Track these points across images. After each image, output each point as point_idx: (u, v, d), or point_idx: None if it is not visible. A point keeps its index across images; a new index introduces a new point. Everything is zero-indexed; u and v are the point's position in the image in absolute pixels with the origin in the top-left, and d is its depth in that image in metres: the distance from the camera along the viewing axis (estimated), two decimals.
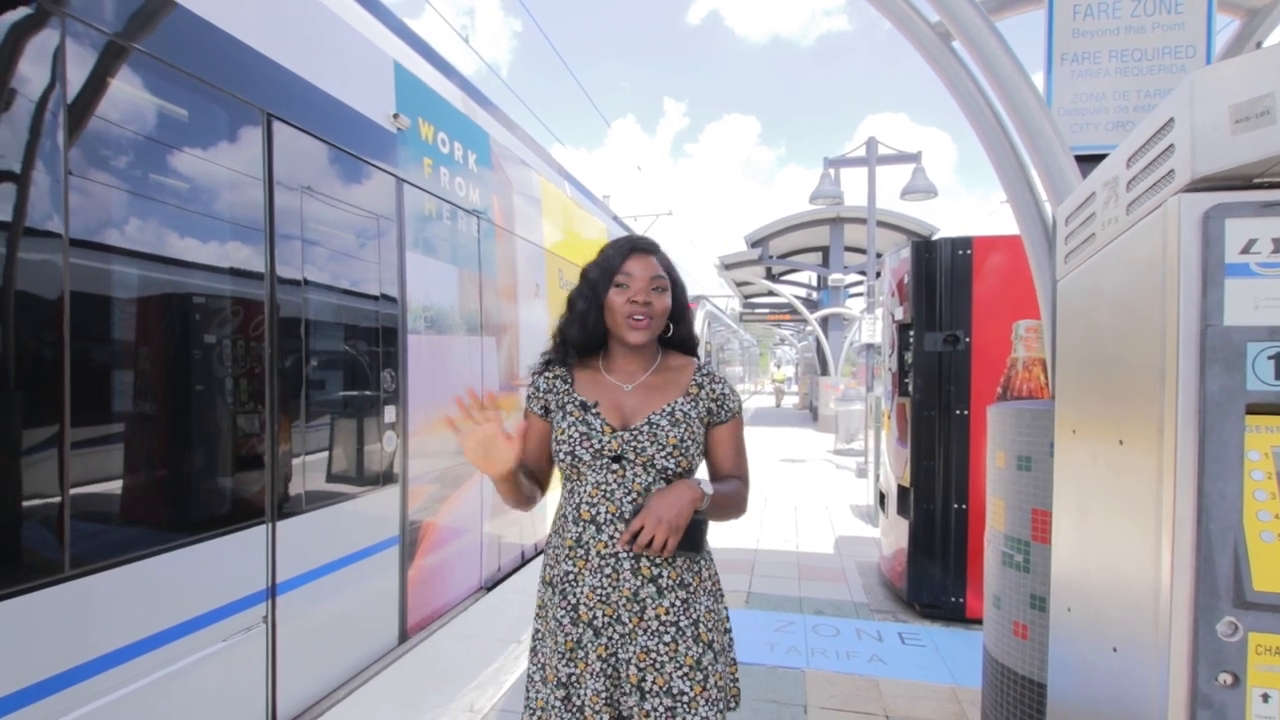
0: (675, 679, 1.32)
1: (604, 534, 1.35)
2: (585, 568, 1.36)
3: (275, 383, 2.44)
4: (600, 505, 1.36)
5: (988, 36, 2.01)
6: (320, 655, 2.73)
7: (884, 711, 2.62)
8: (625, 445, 1.36)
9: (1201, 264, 1.05)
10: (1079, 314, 1.51)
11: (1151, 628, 1.11)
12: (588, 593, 1.35)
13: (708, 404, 1.45)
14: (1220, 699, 1.02)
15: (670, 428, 1.38)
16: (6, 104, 1.62)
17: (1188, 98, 1.06)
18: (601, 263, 1.45)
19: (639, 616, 1.34)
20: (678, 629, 1.34)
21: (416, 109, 3.44)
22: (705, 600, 1.40)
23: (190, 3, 2.13)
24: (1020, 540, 2.05)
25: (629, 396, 1.43)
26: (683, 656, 1.33)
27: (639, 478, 1.36)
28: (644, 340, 1.42)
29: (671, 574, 1.36)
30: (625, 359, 1.47)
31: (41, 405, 1.70)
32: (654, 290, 1.41)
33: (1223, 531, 1.03)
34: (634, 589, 1.34)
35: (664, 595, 1.35)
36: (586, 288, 1.45)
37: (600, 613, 1.34)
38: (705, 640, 1.36)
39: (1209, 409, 1.03)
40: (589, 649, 1.34)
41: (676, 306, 1.47)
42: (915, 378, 3.59)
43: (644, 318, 1.39)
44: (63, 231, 1.74)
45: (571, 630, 1.36)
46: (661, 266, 1.44)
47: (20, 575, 1.65)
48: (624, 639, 1.34)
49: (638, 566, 1.34)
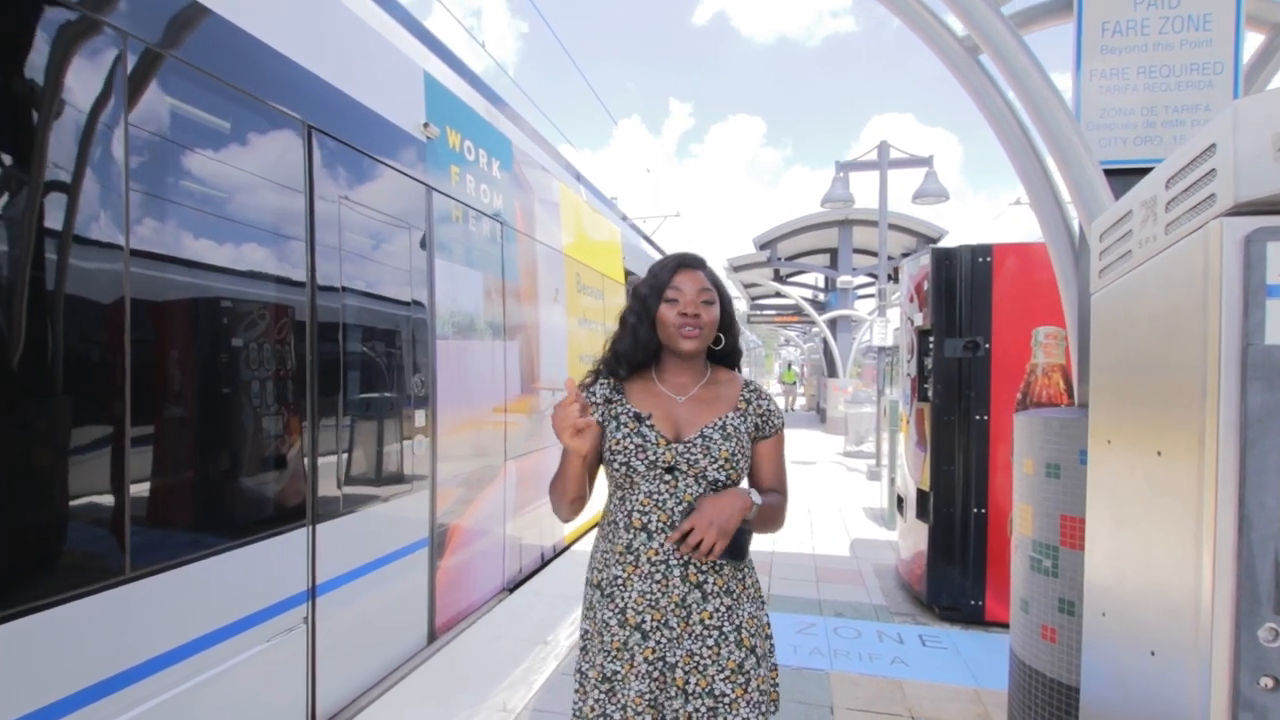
0: (718, 681, 1.38)
1: (654, 541, 1.40)
2: (635, 573, 1.41)
3: (315, 388, 2.50)
4: (652, 514, 1.41)
5: (1017, 51, 2.06)
6: (356, 655, 2.79)
7: (909, 713, 2.66)
8: (679, 457, 1.41)
9: (1243, 285, 1.09)
10: (1114, 328, 1.55)
11: (1191, 633, 1.15)
12: (636, 597, 1.40)
13: (755, 419, 1.50)
14: (1262, 702, 1.06)
15: (722, 441, 1.42)
16: (74, 119, 1.69)
17: (1230, 125, 1.10)
18: (651, 280, 1.51)
19: (685, 621, 1.39)
20: (721, 633, 1.39)
21: (445, 118, 3.50)
22: (748, 607, 1.45)
23: (243, 21, 2.19)
24: (1049, 545, 2.09)
25: (681, 408, 1.48)
26: (725, 660, 1.38)
27: (690, 488, 1.41)
28: (696, 349, 1.47)
29: (718, 581, 1.41)
30: (677, 371, 1.51)
31: (105, 413, 1.76)
32: (703, 303, 1.46)
33: (1263, 540, 1.07)
34: (682, 595, 1.39)
35: (709, 600, 1.40)
36: (638, 304, 1.51)
37: (649, 617, 1.39)
38: (748, 645, 1.41)
39: (1250, 424, 1.07)
40: (635, 651, 1.39)
41: (724, 318, 1.52)
42: (935, 383, 3.63)
43: (695, 328, 1.44)
44: (124, 243, 1.80)
45: (619, 632, 1.41)
46: (709, 280, 1.50)
47: (89, 578, 1.71)
48: (671, 643, 1.39)
49: (686, 573, 1.39)
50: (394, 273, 3.07)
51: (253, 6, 2.27)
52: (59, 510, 1.67)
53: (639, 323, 1.49)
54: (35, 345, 1.60)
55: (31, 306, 1.59)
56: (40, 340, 1.61)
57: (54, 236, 1.64)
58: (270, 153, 2.35)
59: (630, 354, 1.50)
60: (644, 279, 1.53)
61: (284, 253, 2.40)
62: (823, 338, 18.00)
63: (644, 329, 1.49)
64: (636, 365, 1.53)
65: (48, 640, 1.62)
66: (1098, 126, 2.09)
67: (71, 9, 1.68)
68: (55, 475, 1.66)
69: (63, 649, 1.65)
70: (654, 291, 1.48)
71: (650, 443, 1.42)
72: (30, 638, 1.58)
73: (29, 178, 1.59)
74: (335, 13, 2.76)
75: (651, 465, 1.41)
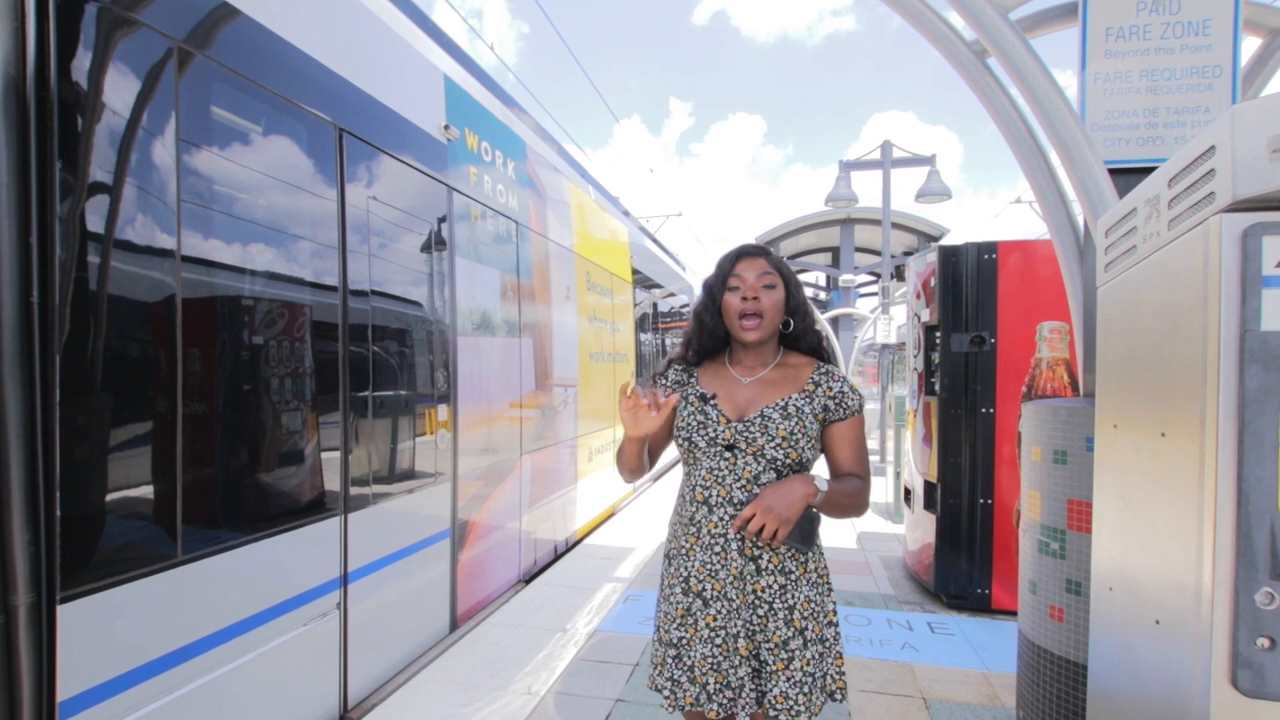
0: (763, 649, 1.46)
1: (714, 515, 1.48)
2: (697, 544, 1.50)
3: (346, 383, 2.59)
4: (713, 489, 1.49)
5: (1025, 56, 2.14)
6: (383, 641, 2.88)
7: (920, 694, 2.75)
8: (738, 435, 1.48)
9: (1241, 276, 1.17)
10: (1120, 319, 1.64)
11: (1194, 600, 1.23)
12: (698, 567, 1.49)
13: (824, 401, 1.52)
14: (1259, 660, 1.15)
15: (781, 420, 1.47)
16: (130, 126, 1.78)
17: (1229, 128, 1.19)
18: (716, 272, 1.60)
19: (742, 593, 1.46)
20: (771, 608, 1.46)
21: (463, 120, 3.59)
22: (805, 590, 1.48)
23: (281, 29, 2.28)
24: (1056, 529, 2.18)
25: (746, 389, 1.55)
26: (771, 634, 1.45)
27: (749, 466, 1.47)
28: (757, 337, 1.53)
29: (773, 559, 1.47)
30: (746, 355, 1.59)
31: (159, 407, 1.85)
32: (764, 286, 1.52)
33: (1260, 512, 1.16)
34: (740, 567, 1.46)
35: (762, 575, 1.46)
36: (706, 295, 1.60)
37: (709, 586, 1.48)
38: (798, 626, 1.46)
39: (1247, 404, 1.16)
40: (698, 616, 1.48)
41: (791, 301, 1.57)
42: (942, 377, 3.72)
43: (755, 315, 1.52)
44: (175, 248, 1.89)
45: (682, 599, 1.51)
46: (771, 265, 1.56)
47: (145, 559, 1.80)
48: (731, 614, 1.46)
49: (742, 547, 1.47)
50: (418, 272, 3.16)
51: (289, 14, 2.36)
52: (155, 493, 1.80)
53: (705, 311, 1.59)
54: (107, 345, 1.69)
55: (112, 315, 1.68)
56: (102, 340, 1.70)
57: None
58: (303, 154, 2.44)
59: (698, 340, 1.60)
60: (712, 272, 1.61)
61: (320, 254, 2.49)
62: (825, 336, 18.05)
63: (710, 317, 1.58)
64: (707, 352, 1.62)
65: (141, 606, 1.78)
66: (1102, 128, 2.18)
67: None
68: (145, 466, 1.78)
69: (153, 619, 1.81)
70: (719, 280, 1.57)
71: (712, 420, 1.50)
72: (129, 604, 1.72)
73: (78, 179, 1.68)
74: (362, 18, 2.85)
75: (712, 442, 1.49)
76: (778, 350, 1.62)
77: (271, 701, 2.26)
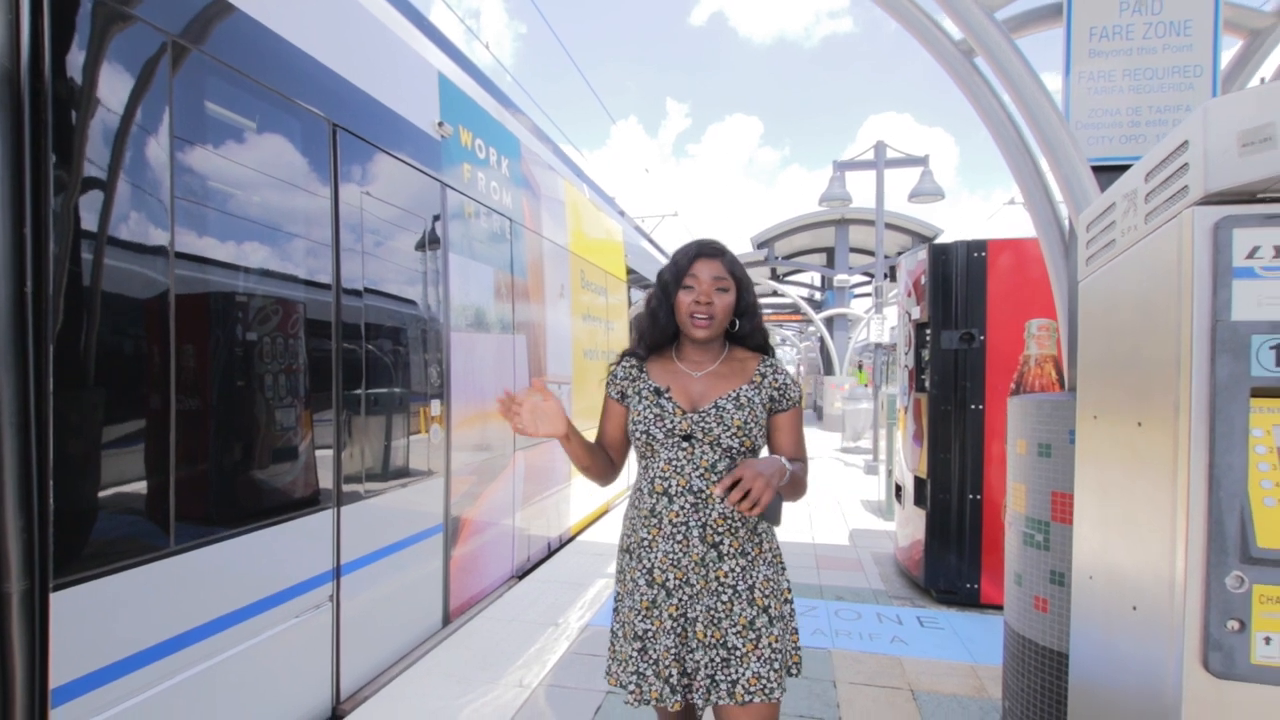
0: (730, 635, 1.49)
1: (675, 504, 1.51)
2: (659, 535, 1.52)
3: (339, 378, 2.60)
4: (672, 479, 1.52)
5: (1010, 55, 2.18)
6: (377, 634, 2.89)
7: (908, 685, 2.78)
8: (694, 425, 1.52)
9: (1212, 267, 1.20)
10: (1100, 311, 1.67)
11: (1169, 585, 1.26)
12: (661, 557, 1.52)
13: (770, 392, 1.60)
14: (1229, 642, 1.18)
15: (735, 410, 1.53)
16: (125, 119, 1.79)
17: (1201, 124, 1.22)
18: (673, 266, 1.62)
19: (704, 579, 1.50)
20: (735, 591, 1.50)
21: (457, 117, 3.61)
22: (764, 569, 1.55)
23: (275, 25, 2.29)
24: (1041, 521, 2.21)
25: (697, 383, 1.60)
26: (737, 616, 1.49)
27: (706, 455, 1.52)
28: (706, 336, 1.58)
29: (733, 543, 1.52)
30: (694, 351, 1.63)
31: (152, 399, 1.86)
32: (717, 290, 1.57)
33: (1231, 498, 1.19)
34: (701, 554, 1.50)
35: (724, 560, 1.51)
36: (660, 289, 1.62)
37: (672, 575, 1.51)
38: (760, 604, 1.51)
39: (1219, 393, 1.19)
40: (662, 608, 1.51)
41: (741, 304, 1.62)
42: (932, 374, 3.75)
43: (705, 316, 1.56)
44: (169, 242, 1.90)
45: (647, 591, 1.52)
46: (726, 268, 1.59)
47: (137, 550, 1.81)
48: (692, 599, 1.50)
49: (704, 534, 1.50)
50: (411, 268, 3.18)
51: (284, 9, 2.37)
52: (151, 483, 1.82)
53: (659, 307, 1.61)
54: (100, 337, 1.70)
55: (105, 307, 1.70)
56: (96, 331, 1.72)
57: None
58: (298, 150, 2.46)
59: (650, 334, 1.63)
60: (668, 264, 1.63)
61: (314, 250, 2.50)
62: (819, 336, 18.15)
63: (664, 313, 1.61)
64: (657, 346, 1.65)
65: (135, 595, 1.80)
66: (1086, 126, 2.21)
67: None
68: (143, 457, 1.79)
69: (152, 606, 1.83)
70: (675, 277, 1.59)
71: (668, 413, 1.54)
72: (122, 591, 1.75)
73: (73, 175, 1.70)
74: (356, 14, 2.87)
75: (669, 433, 1.53)
76: (724, 346, 1.66)
77: (264, 692, 2.27)
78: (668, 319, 1.61)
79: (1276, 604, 1.16)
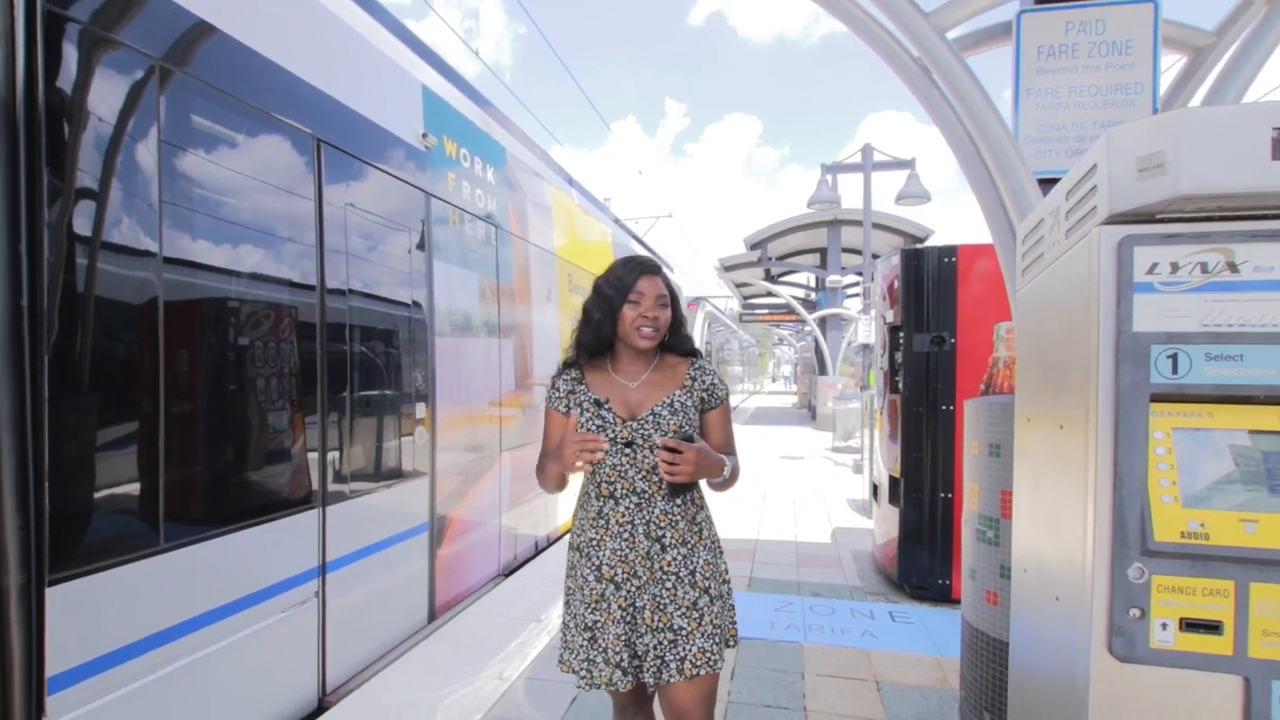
0: (675, 617, 1.62)
1: (621, 505, 1.65)
2: (606, 534, 1.66)
3: (325, 382, 2.70)
4: (617, 483, 1.66)
5: (960, 74, 2.28)
6: (362, 630, 2.99)
7: (874, 677, 2.89)
8: (634, 432, 1.65)
9: (1116, 282, 1.31)
10: (1033, 320, 1.78)
11: (1082, 576, 1.37)
12: (609, 554, 1.65)
13: (700, 394, 1.74)
14: (1131, 629, 1.28)
15: (670, 416, 1.67)
16: (114, 141, 1.89)
17: (1105, 150, 1.32)
18: (615, 281, 1.73)
19: (650, 570, 1.64)
20: (677, 577, 1.64)
21: (441, 127, 3.71)
22: (704, 554, 1.69)
23: (259, 45, 2.39)
24: (991, 518, 2.32)
25: (634, 392, 1.72)
26: (681, 599, 1.63)
27: (648, 459, 1.65)
28: (650, 346, 1.72)
29: (674, 534, 1.66)
30: (629, 361, 1.76)
31: (142, 404, 1.96)
32: (659, 306, 1.70)
33: (1132, 495, 1.29)
34: (646, 549, 1.64)
35: (667, 551, 1.65)
36: (602, 301, 1.73)
37: (620, 570, 1.64)
38: (701, 586, 1.66)
39: (1122, 398, 1.29)
40: (611, 601, 1.63)
41: (676, 318, 1.77)
42: (905, 376, 3.86)
43: (651, 329, 1.69)
44: (158, 254, 2.00)
45: (596, 586, 1.65)
46: (664, 285, 1.74)
47: (129, 547, 1.91)
48: (639, 590, 1.64)
49: (648, 530, 1.64)
50: (396, 275, 3.28)
51: (268, 31, 2.47)
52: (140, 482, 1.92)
53: (604, 319, 1.72)
54: (93, 346, 1.80)
55: (97, 318, 1.80)
56: (89, 341, 1.82)
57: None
58: (283, 163, 2.56)
59: (591, 345, 1.74)
60: (607, 276, 1.75)
61: (299, 258, 2.60)
62: (813, 336, 18.27)
63: (607, 325, 1.72)
64: (594, 355, 1.76)
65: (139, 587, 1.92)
66: (1035, 140, 2.32)
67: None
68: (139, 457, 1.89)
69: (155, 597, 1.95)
70: (619, 293, 1.71)
71: (609, 422, 1.66)
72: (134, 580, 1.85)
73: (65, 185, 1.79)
74: (340, 33, 2.96)
75: (613, 441, 1.65)
76: (654, 354, 1.79)
77: (252, 683, 2.38)
78: (610, 330, 1.72)
79: (1173, 593, 1.26)
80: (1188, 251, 1.27)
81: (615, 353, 1.77)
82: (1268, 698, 1.20)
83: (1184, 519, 1.25)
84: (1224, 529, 1.23)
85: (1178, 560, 1.23)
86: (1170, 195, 1.24)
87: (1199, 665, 1.22)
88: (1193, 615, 1.23)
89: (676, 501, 1.66)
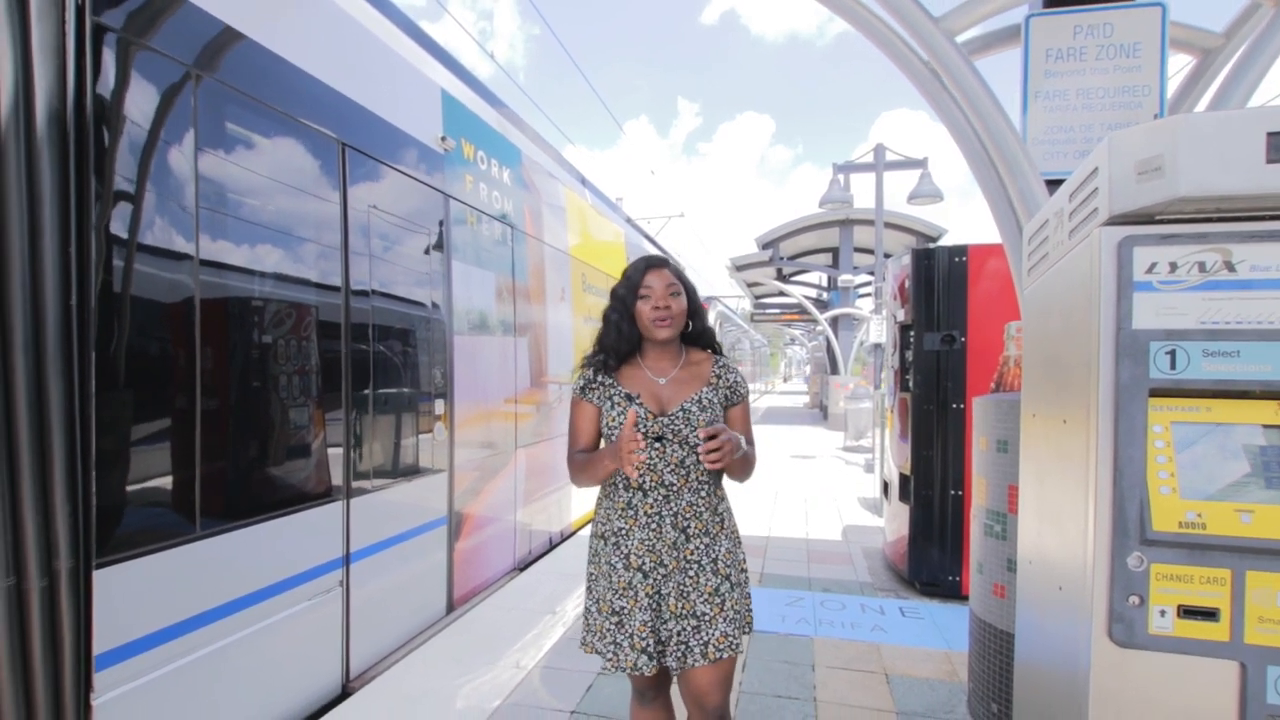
0: (698, 604, 1.69)
1: (649, 497, 1.71)
2: (635, 525, 1.72)
3: (349, 379, 2.79)
4: (646, 475, 1.71)
5: (969, 77, 2.33)
6: (383, 620, 3.08)
7: (883, 670, 2.94)
8: (664, 428, 1.71)
9: (1116, 281, 1.36)
10: (1038, 318, 1.83)
11: (1083, 565, 1.41)
12: (637, 544, 1.71)
13: (725, 391, 1.81)
14: (1130, 615, 1.33)
15: (699, 412, 1.73)
16: (151, 148, 1.98)
17: (1106, 153, 1.37)
18: (626, 282, 1.81)
19: (676, 559, 1.70)
20: (700, 565, 1.71)
21: (460, 130, 3.79)
22: (725, 543, 1.76)
23: (287, 53, 2.48)
24: (999, 512, 2.36)
25: (664, 388, 1.78)
26: (704, 586, 1.70)
27: (675, 452, 1.71)
28: (670, 335, 1.77)
29: (698, 525, 1.72)
30: (658, 357, 1.82)
31: (180, 399, 2.06)
32: (671, 295, 1.76)
33: (1131, 487, 1.34)
34: (673, 539, 1.70)
35: (691, 540, 1.71)
36: (618, 303, 1.81)
37: (648, 559, 1.70)
38: (723, 574, 1.72)
39: (1122, 393, 1.34)
40: (639, 589, 1.70)
41: (691, 305, 1.82)
42: (915, 374, 3.90)
43: (666, 318, 1.75)
44: (194, 255, 2.10)
45: (624, 574, 1.71)
46: (674, 275, 1.80)
47: (167, 534, 2.01)
48: (665, 578, 1.70)
49: (675, 521, 1.70)
50: (416, 275, 3.36)
51: (295, 39, 2.56)
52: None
53: (620, 319, 1.79)
54: (136, 344, 1.90)
55: (141, 317, 1.89)
56: (132, 339, 1.91)
57: None
58: (309, 167, 2.65)
59: (616, 346, 1.80)
60: (620, 282, 1.83)
61: (324, 259, 2.69)
62: (825, 336, 18.24)
63: (626, 324, 1.79)
64: (623, 355, 1.82)
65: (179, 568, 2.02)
66: (1043, 142, 2.36)
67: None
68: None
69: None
70: (630, 291, 1.78)
71: (640, 417, 1.71)
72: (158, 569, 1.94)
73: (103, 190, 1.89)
74: (363, 39, 3.05)
75: (643, 436, 1.70)
76: (681, 349, 1.85)
77: (280, 666, 2.47)
78: (630, 328, 1.79)
79: (1171, 581, 1.31)
80: (1186, 251, 1.31)
81: (643, 350, 1.83)
82: (1263, 682, 1.25)
83: (1182, 509, 1.29)
84: (1221, 519, 1.27)
85: (1176, 549, 1.27)
86: (1169, 197, 1.29)
87: (1197, 651, 1.26)
88: (1190, 603, 1.27)
89: (701, 494, 1.72)
